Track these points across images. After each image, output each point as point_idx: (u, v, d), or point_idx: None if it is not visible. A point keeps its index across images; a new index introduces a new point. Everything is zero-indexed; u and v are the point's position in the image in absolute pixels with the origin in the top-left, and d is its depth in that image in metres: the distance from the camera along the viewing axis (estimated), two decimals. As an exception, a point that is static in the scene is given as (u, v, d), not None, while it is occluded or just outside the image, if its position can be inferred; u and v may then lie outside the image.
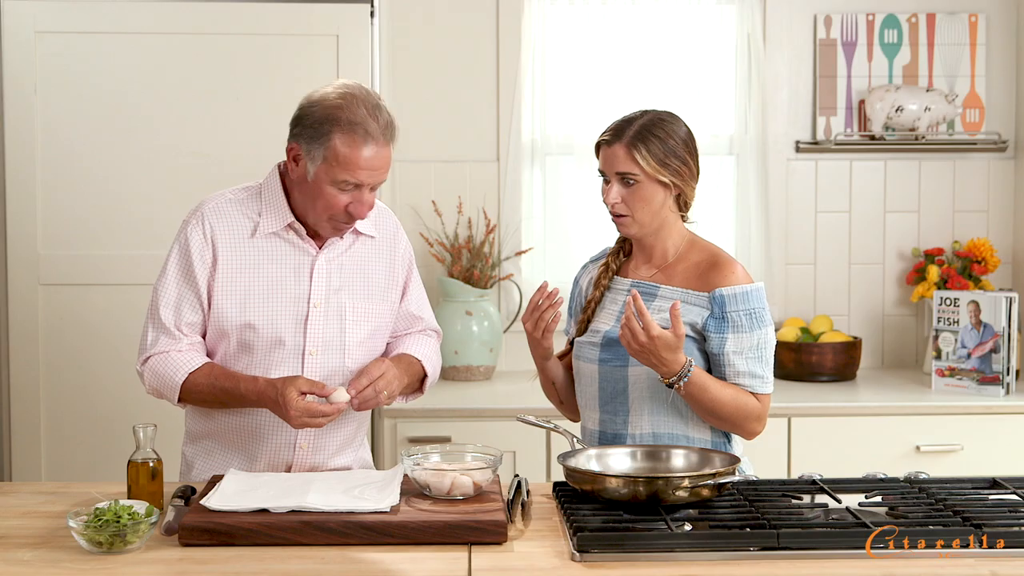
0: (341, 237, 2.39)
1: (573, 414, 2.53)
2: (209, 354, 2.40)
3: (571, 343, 2.49)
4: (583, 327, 2.45)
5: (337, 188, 2.26)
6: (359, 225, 2.40)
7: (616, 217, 2.37)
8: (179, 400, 2.35)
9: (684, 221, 2.41)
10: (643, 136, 2.32)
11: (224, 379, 2.30)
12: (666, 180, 2.31)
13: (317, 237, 2.38)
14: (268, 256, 2.36)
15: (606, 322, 2.40)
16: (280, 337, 2.35)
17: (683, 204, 2.39)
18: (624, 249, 2.47)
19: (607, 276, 2.45)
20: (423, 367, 2.48)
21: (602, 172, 2.38)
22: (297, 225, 2.36)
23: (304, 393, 2.20)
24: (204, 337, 2.39)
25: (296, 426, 2.22)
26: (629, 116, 2.37)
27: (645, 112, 2.37)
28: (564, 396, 2.51)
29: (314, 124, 2.25)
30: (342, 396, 2.23)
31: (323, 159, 2.24)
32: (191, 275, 2.34)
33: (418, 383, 2.49)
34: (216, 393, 2.31)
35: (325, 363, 2.38)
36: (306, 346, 2.36)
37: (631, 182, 2.32)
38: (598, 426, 2.39)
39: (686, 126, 2.37)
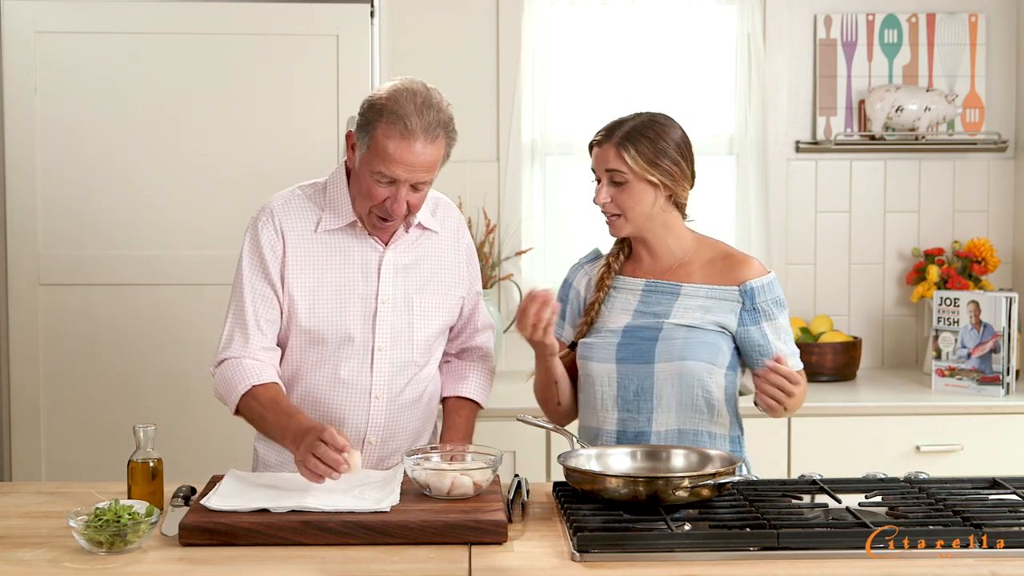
0: (406, 230, 2.38)
1: (566, 418, 2.51)
2: (280, 348, 2.39)
3: (570, 346, 2.48)
4: (585, 329, 2.45)
5: (375, 180, 2.26)
6: (423, 220, 2.41)
7: (608, 218, 2.39)
8: (236, 412, 2.33)
9: (684, 219, 2.43)
10: (633, 136, 2.34)
11: (273, 408, 2.24)
12: (655, 180, 2.33)
13: (383, 232, 2.38)
14: (336, 252, 2.37)
15: (618, 320, 2.40)
16: (349, 334, 2.36)
17: (677, 204, 2.40)
18: (624, 250, 2.48)
19: (610, 277, 2.45)
20: (480, 406, 2.56)
21: (594, 171, 2.40)
22: (361, 223, 2.36)
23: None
24: (277, 336, 2.38)
25: (298, 458, 2.12)
26: (623, 117, 2.40)
27: (639, 114, 2.40)
28: (565, 397, 2.49)
29: (365, 113, 2.28)
30: (356, 461, 2.10)
31: (367, 148, 2.26)
32: (266, 271, 2.34)
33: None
34: (262, 417, 2.27)
35: (394, 358, 2.39)
36: (375, 342, 2.37)
37: (620, 182, 2.34)
38: (616, 426, 2.38)
39: (681, 129, 2.39)
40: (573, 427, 2.49)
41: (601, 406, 2.40)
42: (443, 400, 2.56)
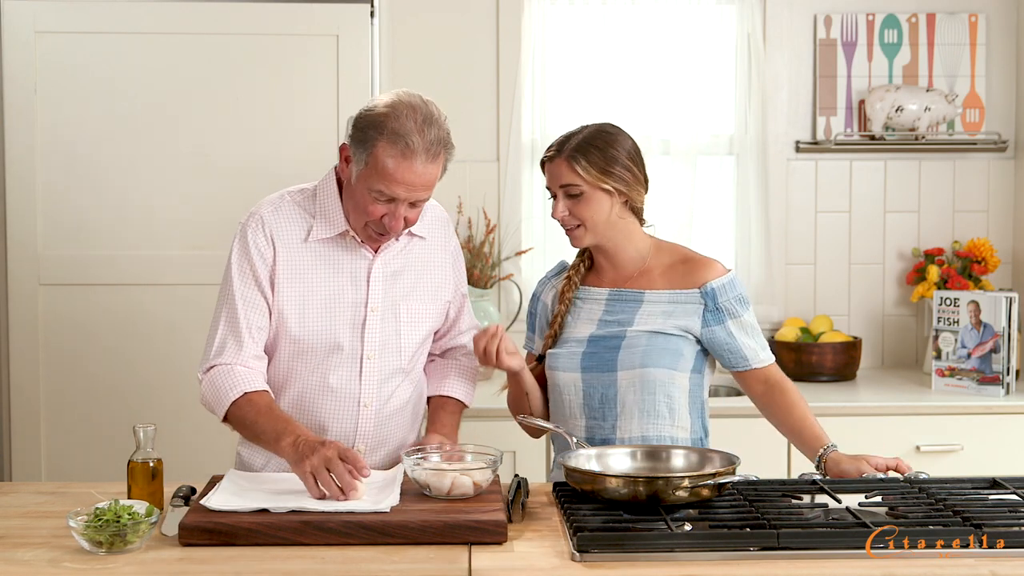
0: (397, 239, 2.38)
1: (536, 431, 2.53)
2: (267, 357, 2.37)
3: (538, 358, 2.50)
4: (551, 341, 2.47)
5: (373, 197, 2.23)
6: (411, 227, 2.38)
7: (569, 230, 2.41)
8: (224, 419, 2.31)
9: (642, 225, 2.47)
10: (582, 148, 2.37)
11: (267, 413, 2.23)
12: (609, 188, 2.37)
13: (371, 240, 2.36)
14: (325, 260, 2.34)
15: (583, 330, 2.44)
16: (338, 342, 2.34)
17: (634, 210, 2.43)
18: (584, 263, 2.51)
19: (571, 289, 2.48)
20: (464, 404, 2.54)
21: (549, 188, 2.43)
22: (352, 233, 2.34)
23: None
24: (266, 345, 2.36)
25: (304, 467, 2.08)
26: (570, 132, 2.43)
27: (586, 126, 2.43)
28: (537, 407, 2.50)
29: (364, 128, 2.23)
30: (360, 491, 2.08)
31: (365, 164, 2.22)
32: (256, 278, 2.32)
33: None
34: (254, 422, 2.24)
35: (383, 366, 2.38)
36: (364, 350, 2.36)
37: (575, 194, 2.37)
38: (584, 433, 2.41)
39: (630, 138, 2.43)
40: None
41: (569, 414, 2.43)
42: (428, 400, 2.55)
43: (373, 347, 2.36)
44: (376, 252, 2.37)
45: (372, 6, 3.38)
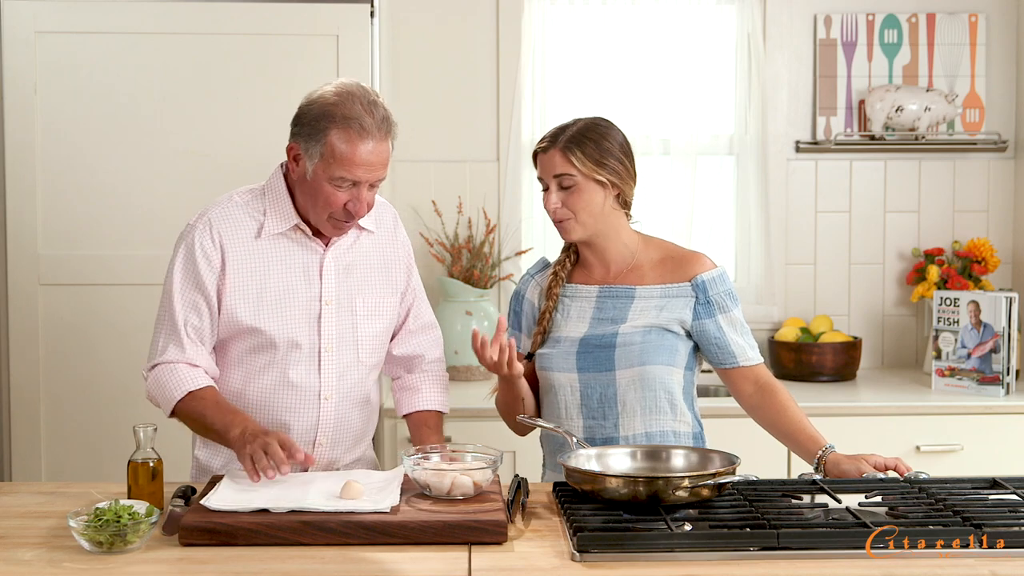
0: (345, 234, 2.40)
1: (525, 429, 2.52)
2: (224, 355, 2.39)
3: (526, 356, 2.49)
4: (540, 339, 2.46)
5: (335, 186, 2.25)
6: (360, 221, 2.41)
7: (559, 222, 2.41)
8: (171, 415, 2.34)
9: (629, 221, 2.47)
10: (578, 139, 2.38)
11: (214, 407, 2.26)
12: (603, 179, 2.37)
13: (322, 235, 2.39)
14: (277, 257, 2.36)
15: (575, 329, 2.43)
16: (295, 338, 2.35)
17: (624, 203, 2.44)
18: (570, 258, 2.50)
19: (558, 285, 2.47)
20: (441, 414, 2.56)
21: (541, 180, 2.43)
22: (303, 226, 2.36)
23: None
24: (212, 344, 2.37)
25: (244, 452, 2.12)
26: (563, 124, 2.43)
27: (579, 119, 2.43)
28: (530, 409, 2.49)
29: (311, 122, 2.26)
30: (355, 491, 2.10)
31: (320, 156, 2.25)
32: (199, 279, 2.33)
33: None
34: (202, 415, 2.28)
35: (340, 360, 2.40)
36: (321, 344, 2.37)
37: (569, 185, 2.37)
38: (583, 433, 2.41)
39: (621, 132, 2.44)
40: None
41: (566, 415, 2.42)
42: (405, 417, 2.57)
43: (330, 340, 2.38)
44: (327, 246, 2.39)
45: (372, 6, 3.38)
